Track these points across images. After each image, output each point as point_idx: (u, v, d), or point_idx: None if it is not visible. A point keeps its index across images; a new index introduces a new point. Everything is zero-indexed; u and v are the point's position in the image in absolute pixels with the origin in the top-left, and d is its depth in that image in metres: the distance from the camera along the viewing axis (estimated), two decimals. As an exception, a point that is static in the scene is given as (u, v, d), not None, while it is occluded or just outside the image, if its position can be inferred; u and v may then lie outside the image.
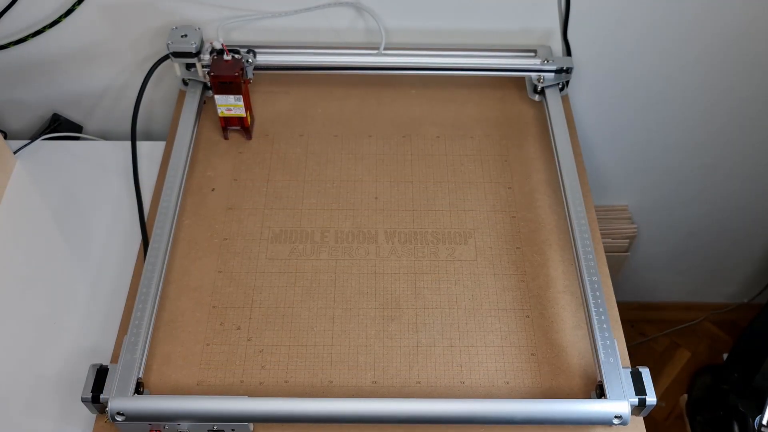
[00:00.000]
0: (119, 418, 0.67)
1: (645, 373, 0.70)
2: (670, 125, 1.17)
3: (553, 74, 0.97)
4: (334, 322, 0.78)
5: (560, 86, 0.98)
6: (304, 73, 1.01)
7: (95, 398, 0.68)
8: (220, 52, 0.90)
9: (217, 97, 0.90)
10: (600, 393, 0.70)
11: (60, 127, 1.09)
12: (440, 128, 0.97)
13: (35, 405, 0.74)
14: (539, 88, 0.98)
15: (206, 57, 0.91)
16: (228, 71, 0.88)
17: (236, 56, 0.90)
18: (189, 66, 0.95)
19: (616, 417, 0.67)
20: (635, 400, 0.69)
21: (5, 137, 0.98)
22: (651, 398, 0.69)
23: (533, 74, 0.98)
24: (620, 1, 0.97)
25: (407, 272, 0.82)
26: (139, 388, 0.70)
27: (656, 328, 1.69)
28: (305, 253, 0.84)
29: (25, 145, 0.99)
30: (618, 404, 0.68)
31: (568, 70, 0.97)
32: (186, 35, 0.91)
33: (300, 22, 0.98)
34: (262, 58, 0.95)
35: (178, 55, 0.91)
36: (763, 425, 1.07)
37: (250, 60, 0.93)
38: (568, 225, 0.83)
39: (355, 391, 0.73)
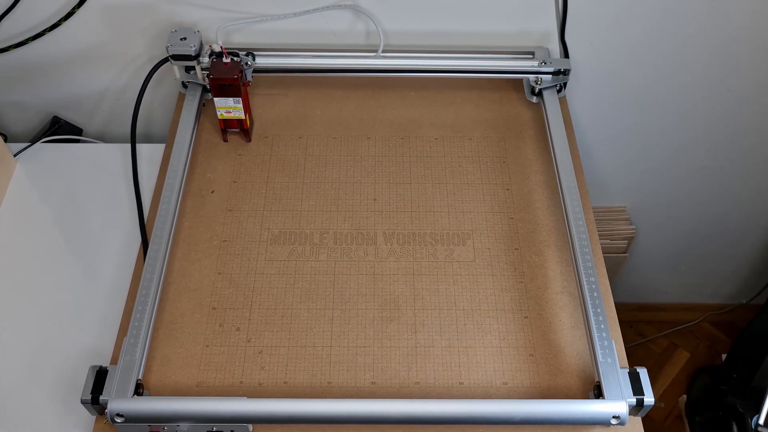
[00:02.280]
0: (119, 420, 0.67)
1: (643, 373, 0.71)
2: (668, 126, 1.17)
3: (550, 76, 0.97)
4: (333, 323, 0.78)
5: (558, 88, 0.99)
6: (303, 76, 1.01)
7: (95, 400, 0.68)
8: (220, 54, 0.90)
9: (216, 99, 0.90)
10: (598, 393, 0.70)
11: (60, 129, 1.09)
12: (439, 130, 0.97)
13: (35, 406, 0.75)
14: (537, 90, 0.98)
15: (205, 60, 0.92)
16: (227, 74, 0.88)
17: (235, 59, 0.90)
18: (188, 69, 0.95)
19: (613, 417, 0.68)
20: (633, 400, 0.69)
21: (6, 140, 0.99)
22: (649, 398, 0.69)
23: (531, 76, 0.98)
24: (618, 3, 0.97)
25: (406, 273, 0.82)
26: (139, 390, 0.70)
27: (655, 329, 1.69)
28: (304, 254, 0.84)
29: (26, 148, 0.99)
30: (616, 404, 0.68)
31: (566, 72, 0.97)
32: (185, 38, 0.91)
33: (299, 25, 0.98)
34: (261, 61, 0.95)
35: (177, 57, 0.92)
36: (761, 425, 1.07)
37: (249, 63, 0.93)
38: (566, 226, 0.83)
39: (354, 392, 0.73)
